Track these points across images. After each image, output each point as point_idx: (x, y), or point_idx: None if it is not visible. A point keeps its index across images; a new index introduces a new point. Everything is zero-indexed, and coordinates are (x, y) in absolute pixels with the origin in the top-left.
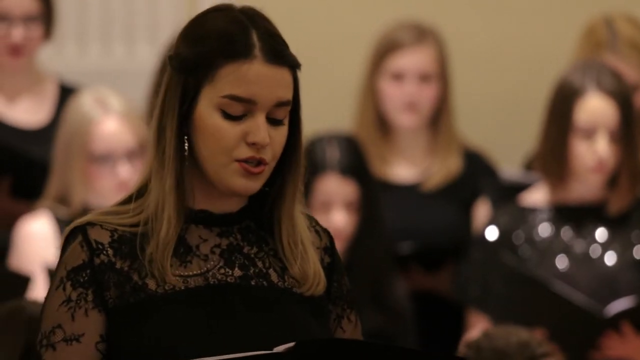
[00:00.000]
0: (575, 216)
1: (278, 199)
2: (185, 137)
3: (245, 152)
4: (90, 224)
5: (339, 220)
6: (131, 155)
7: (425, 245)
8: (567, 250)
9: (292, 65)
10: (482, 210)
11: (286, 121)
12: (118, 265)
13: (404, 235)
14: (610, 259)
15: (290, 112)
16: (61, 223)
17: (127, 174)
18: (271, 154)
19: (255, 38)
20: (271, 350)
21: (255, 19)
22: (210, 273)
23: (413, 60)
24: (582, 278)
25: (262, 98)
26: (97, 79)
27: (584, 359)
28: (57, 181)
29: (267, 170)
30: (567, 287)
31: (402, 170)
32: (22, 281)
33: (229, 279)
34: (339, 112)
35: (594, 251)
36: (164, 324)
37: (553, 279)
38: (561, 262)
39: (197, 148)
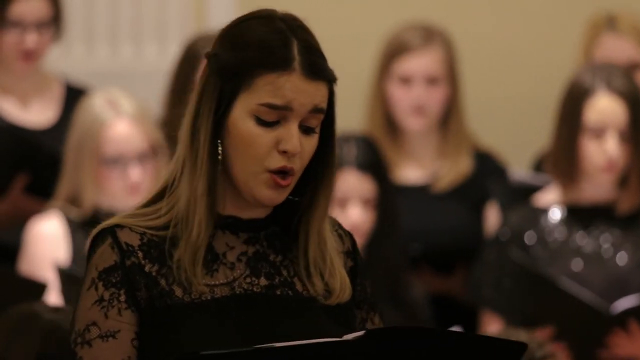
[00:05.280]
0: (587, 217)
1: (308, 212)
2: (219, 142)
3: (277, 162)
4: (119, 226)
5: (356, 216)
6: (142, 157)
7: (433, 246)
8: (578, 250)
9: (329, 79)
10: (491, 213)
11: (317, 131)
12: (147, 269)
13: (414, 237)
14: (621, 259)
15: (324, 126)
16: (72, 224)
17: (138, 177)
18: (299, 164)
19: (295, 51)
20: (340, 337)
21: (296, 30)
22: (237, 282)
23: (420, 63)
24: (593, 278)
25: (298, 105)
26: (105, 80)
27: (592, 357)
28: (68, 182)
29: (293, 182)
30: (574, 285)
31: (412, 172)
32: (39, 288)
33: (254, 289)
34: (348, 115)
35: (606, 251)
36: (190, 334)
37: (561, 276)
38: (573, 263)
39: (228, 154)
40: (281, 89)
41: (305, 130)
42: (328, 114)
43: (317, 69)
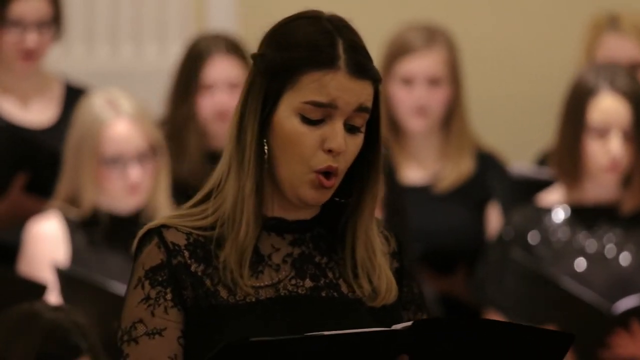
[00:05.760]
0: (591, 217)
1: (355, 214)
2: (265, 141)
3: (322, 161)
4: (165, 226)
5: None
6: (142, 157)
7: (435, 247)
8: (582, 250)
9: (374, 79)
10: (493, 213)
11: (363, 130)
12: (193, 269)
13: (415, 237)
14: (624, 259)
15: (370, 126)
16: (71, 224)
17: (138, 177)
18: (344, 163)
19: (341, 50)
20: (390, 328)
21: (342, 30)
22: (282, 284)
23: (422, 64)
24: (596, 278)
25: (343, 103)
26: (105, 80)
27: (594, 357)
28: (68, 182)
29: (337, 182)
30: (576, 285)
31: (414, 173)
32: (39, 289)
33: (299, 290)
34: None
35: (609, 252)
36: (235, 335)
37: (562, 276)
38: (577, 263)
39: (274, 153)
40: (326, 87)
41: (350, 129)
42: (373, 114)
43: (363, 68)
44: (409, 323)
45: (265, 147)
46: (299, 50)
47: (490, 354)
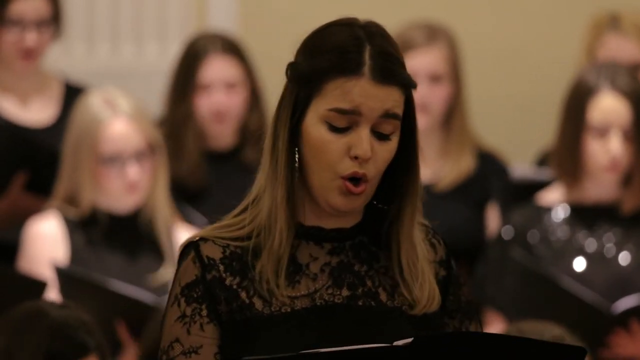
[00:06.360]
0: (590, 216)
1: (397, 221)
2: (296, 149)
3: (348, 167)
4: (203, 239)
5: None
6: (140, 156)
7: None
8: (581, 250)
9: (404, 84)
10: (493, 212)
11: (394, 137)
12: (228, 282)
13: None
14: (624, 258)
15: (405, 131)
16: (70, 223)
17: (136, 175)
18: (374, 170)
19: (367, 56)
20: (390, 344)
21: (373, 37)
22: (318, 294)
23: (423, 61)
24: (596, 278)
25: (367, 109)
26: (105, 79)
27: (594, 357)
28: (66, 182)
29: (370, 188)
30: (575, 284)
31: None
32: (39, 286)
33: (336, 299)
34: None
35: (609, 251)
36: (268, 346)
37: (562, 275)
38: (576, 262)
39: (305, 161)
40: (349, 94)
41: (380, 136)
42: (408, 120)
43: (388, 73)
44: (410, 340)
45: (297, 155)
46: (327, 57)
47: None
